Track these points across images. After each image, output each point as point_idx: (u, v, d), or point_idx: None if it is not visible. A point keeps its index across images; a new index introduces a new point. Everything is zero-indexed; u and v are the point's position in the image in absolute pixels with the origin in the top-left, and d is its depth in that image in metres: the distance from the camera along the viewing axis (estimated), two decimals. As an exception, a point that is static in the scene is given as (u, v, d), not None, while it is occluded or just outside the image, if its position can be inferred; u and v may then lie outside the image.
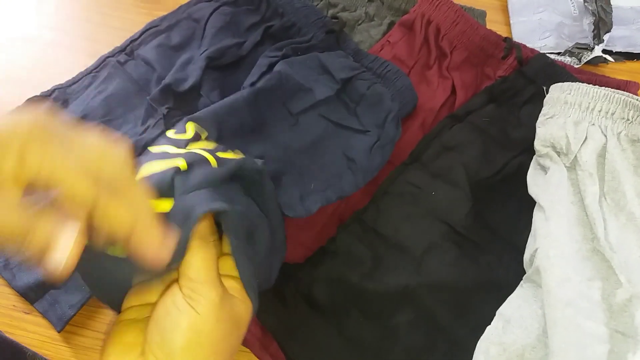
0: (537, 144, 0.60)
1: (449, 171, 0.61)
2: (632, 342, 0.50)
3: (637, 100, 0.58)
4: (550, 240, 0.52)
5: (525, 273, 0.55)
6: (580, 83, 0.60)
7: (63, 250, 0.28)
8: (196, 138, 0.50)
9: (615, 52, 0.77)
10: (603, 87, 0.60)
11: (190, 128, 0.50)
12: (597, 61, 0.75)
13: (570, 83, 0.61)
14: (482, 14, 0.77)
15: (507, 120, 0.64)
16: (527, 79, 0.67)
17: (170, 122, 0.64)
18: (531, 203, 0.58)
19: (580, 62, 0.74)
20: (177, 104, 0.65)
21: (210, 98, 0.65)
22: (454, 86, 0.69)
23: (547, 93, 0.62)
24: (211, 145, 0.49)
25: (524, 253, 0.56)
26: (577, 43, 0.75)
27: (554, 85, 0.62)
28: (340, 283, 0.54)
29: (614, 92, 0.59)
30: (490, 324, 0.51)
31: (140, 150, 0.61)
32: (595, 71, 0.75)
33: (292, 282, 0.55)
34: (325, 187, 0.58)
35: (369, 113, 0.61)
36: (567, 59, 0.75)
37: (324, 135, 0.61)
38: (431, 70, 0.71)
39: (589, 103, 0.59)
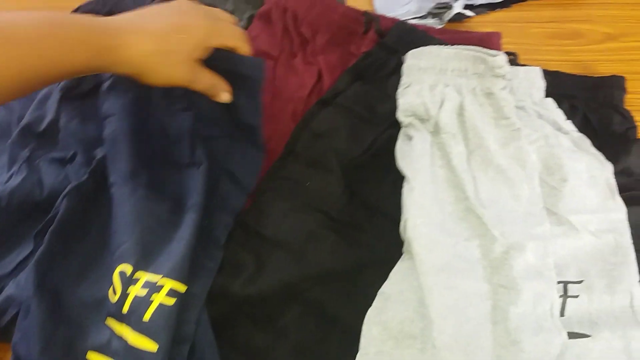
0: (400, 115, 0.60)
1: (321, 158, 0.61)
2: (514, 293, 0.51)
3: (485, 53, 0.59)
4: (416, 208, 0.53)
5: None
6: (432, 47, 0.61)
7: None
8: None
9: (478, 4, 0.78)
10: (454, 47, 0.61)
11: None
12: (460, 18, 0.76)
13: (422, 48, 0.61)
14: (342, -8, 0.77)
15: (374, 96, 0.64)
16: (389, 50, 0.67)
17: (33, 164, 0.62)
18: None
19: (442, 22, 0.75)
20: (40, 143, 0.63)
21: (69, 128, 0.63)
22: (320, 71, 0.69)
23: (404, 62, 0.63)
24: None
25: (403, 226, 0.56)
26: (437, 3, 0.75)
27: (408, 53, 0.62)
28: (223, 296, 0.53)
29: (463, 49, 0.60)
30: (378, 304, 0.52)
31: (6, 200, 0.59)
32: (460, 28, 0.76)
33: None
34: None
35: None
36: (429, 21, 0.75)
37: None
38: (296, 59, 0.70)
39: (442, 64, 0.59)
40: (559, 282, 0.54)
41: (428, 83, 0.59)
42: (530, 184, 0.56)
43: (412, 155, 0.56)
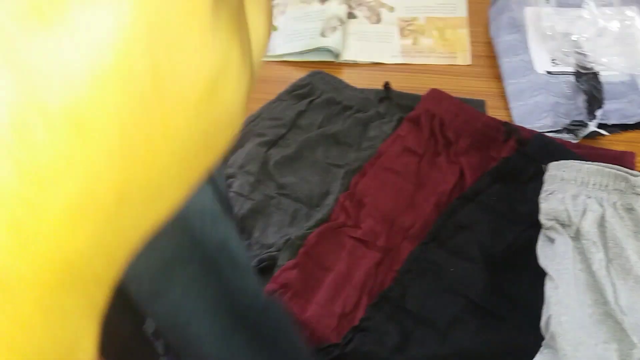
0: (542, 218, 0.66)
1: (464, 248, 0.67)
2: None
3: (625, 172, 0.64)
4: (561, 306, 0.57)
5: (544, 339, 0.59)
6: (575, 161, 0.67)
7: None
8: None
9: (611, 124, 0.84)
10: (595, 163, 0.67)
11: None
12: (593, 135, 0.82)
13: (565, 161, 0.67)
14: (481, 103, 0.86)
15: (514, 197, 0.71)
16: (528, 158, 0.74)
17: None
18: (545, 273, 0.63)
19: (577, 137, 0.81)
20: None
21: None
22: (462, 170, 0.77)
23: (545, 171, 0.69)
24: None
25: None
26: (572, 120, 0.82)
27: (551, 163, 0.69)
28: (370, 358, 0.59)
29: (605, 166, 0.66)
30: (515, 389, 0.56)
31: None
32: (593, 144, 0.82)
33: (329, 359, 0.60)
34: None
35: None
36: (565, 136, 0.82)
37: None
38: (440, 157, 0.78)
39: (583, 178, 0.65)
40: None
41: (570, 193, 0.65)
42: None
43: (555, 255, 0.61)
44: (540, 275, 0.63)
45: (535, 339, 0.59)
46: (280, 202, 0.78)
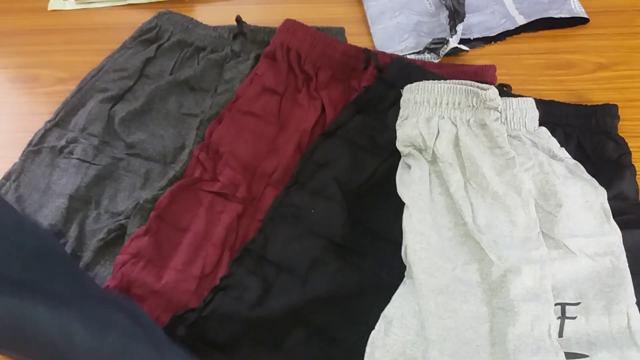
0: (399, 145, 0.63)
1: (324, 187, 0.63)
2: (511, 315, 0.53)
3: (477, 87, 0.62)
4: (415, 234, 0.55)
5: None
6: (427, 82, 0.64)
7: None
8: None
9: (474, 39, 0.82)
10: (447, 81, 0.64)
11: None
12: (456, 52, 0.79)
13: (417, 83, 0.64)
14: (340, 31, 0.80)
15: (374, 127, 0.67)
16: (387, 85, 0.70)
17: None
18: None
19: (439, 56, 0.78)
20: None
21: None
22: (324, 105, 0.72)
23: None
24: None
25: (404, 252, 0.58)
26: (434, 39, 0.79)
27: (405, 87, 0.65)
28: (231, 318, 0.55)
29: (457, 83, 0.63)
30: (380, 325, 0.54)
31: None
32: (456, 61, 0.79)
33: (185, 326, 0.56)
34: None
35: None
36: (427, 56, 0.78)
37: None
38: (301, 94, 0.73)
39: (436, 98, 0.62)
40: (556, 304, 0.56)
41: (424, 115, 0.62)
42: (526, 209, 0.58)
43: (411, 182, 0.59)
44: (400, 205, 0.60)
45: (398, 272, 0.57)
46: (130, 163, 0.71)
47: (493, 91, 0.61)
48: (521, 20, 0.83)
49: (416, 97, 0.63)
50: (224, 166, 0.67)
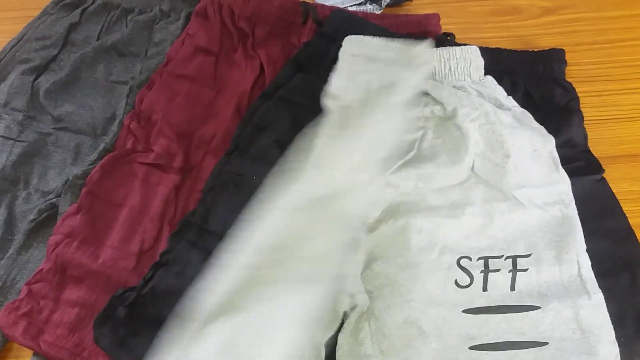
0: (327, 99, 0.60)
1: (266, 152, 0.60)
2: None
3: (410, 43, 0.59)
4: None
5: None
6: (365, 36, 0.61)
7: None
8: None
9: (418, -13, 0.78)
10: (383, 38, 0.61)
11: None
12: (399, 2, 0.76)
13: (356, 37, 0.61)
14: (276, -16, 0.76)
15: (315, 86, 0.64)
16: (328, 39, 0.67)
17: None
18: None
19: (381, 7, 0.75)
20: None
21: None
22: (262, 64, 0.68)
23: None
24: None
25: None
26: (375, -11, 0.75)
27: (344, 39, 0.62)
28: (173, 294, 0.53)
29: (394, 38, 0.60)
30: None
31: None
32: (400, 12, 0.76)
33: (125, 306, 0.53)
34: None
35: None
36: (368, 7, 0.75)
37: None
38: (237, 53, 0.69)
39: (372, 53, 0.59)
40: (507, 257, 0.55)
41: (357, 68, 0.59)
42: None
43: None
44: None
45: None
46: (59, 138, 0.66)
47: (421, 47, 0.58)
48: (465, -34, 0.79)
49: (352, 50, 0.60)
50: (157, 135, 0.63)
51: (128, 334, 0.52)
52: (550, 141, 0.61)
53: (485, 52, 0.66)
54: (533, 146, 0.60)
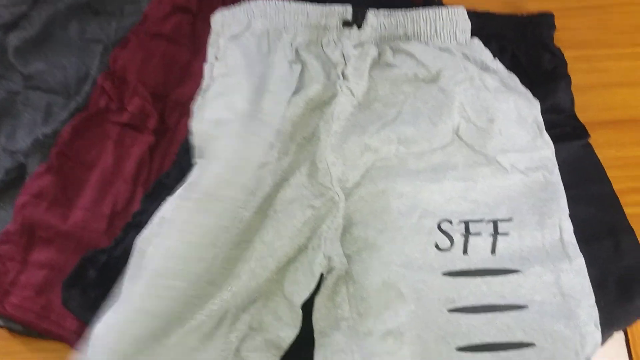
0: None
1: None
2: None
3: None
4: None
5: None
6: None
7: None
8: None
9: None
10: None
11: None
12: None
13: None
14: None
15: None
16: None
17: None
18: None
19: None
20: None
21: None
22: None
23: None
24: None
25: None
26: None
27: None
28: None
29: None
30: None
31: None
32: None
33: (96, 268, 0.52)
34: None
35: None
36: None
37: None
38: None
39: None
40: (489, 221, 0.54)
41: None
42: None
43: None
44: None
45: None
46: (29, 97, 0.64)
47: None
48: None
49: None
50: (132, 95, 0.61)
51: (99, 296, 0.51)
52: (536, 106, 0.60)
53: (473, 15, 0.64)
54: (518, 111, 0.59)
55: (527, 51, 0.67)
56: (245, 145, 0.51)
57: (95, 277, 0.52)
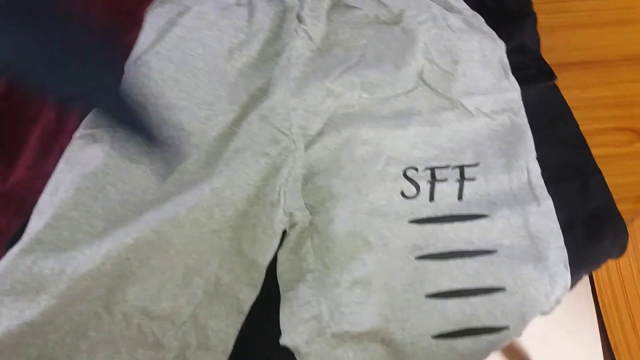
0: None
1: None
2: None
3: None
4: None
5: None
6: None
7: None
8: None
9: None
10: None
11: None
12: None
13: None
14: None
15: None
16: None
17: None
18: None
19: None
20: None
21: None
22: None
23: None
24: None
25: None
26: None
27: None
28: None
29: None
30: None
31: None
32: None
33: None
34: None
35: None
36: None
37: None
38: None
39: None
40: (455, 167, 0.52)
41: None
42: None
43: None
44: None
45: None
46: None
47: None
48: None
49: None
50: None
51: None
52: (501, 46, 0.58)
53: (437, -47, 0.61)
54: (483, 51, 0.57)
55: (492, -9, 0.64)
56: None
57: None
